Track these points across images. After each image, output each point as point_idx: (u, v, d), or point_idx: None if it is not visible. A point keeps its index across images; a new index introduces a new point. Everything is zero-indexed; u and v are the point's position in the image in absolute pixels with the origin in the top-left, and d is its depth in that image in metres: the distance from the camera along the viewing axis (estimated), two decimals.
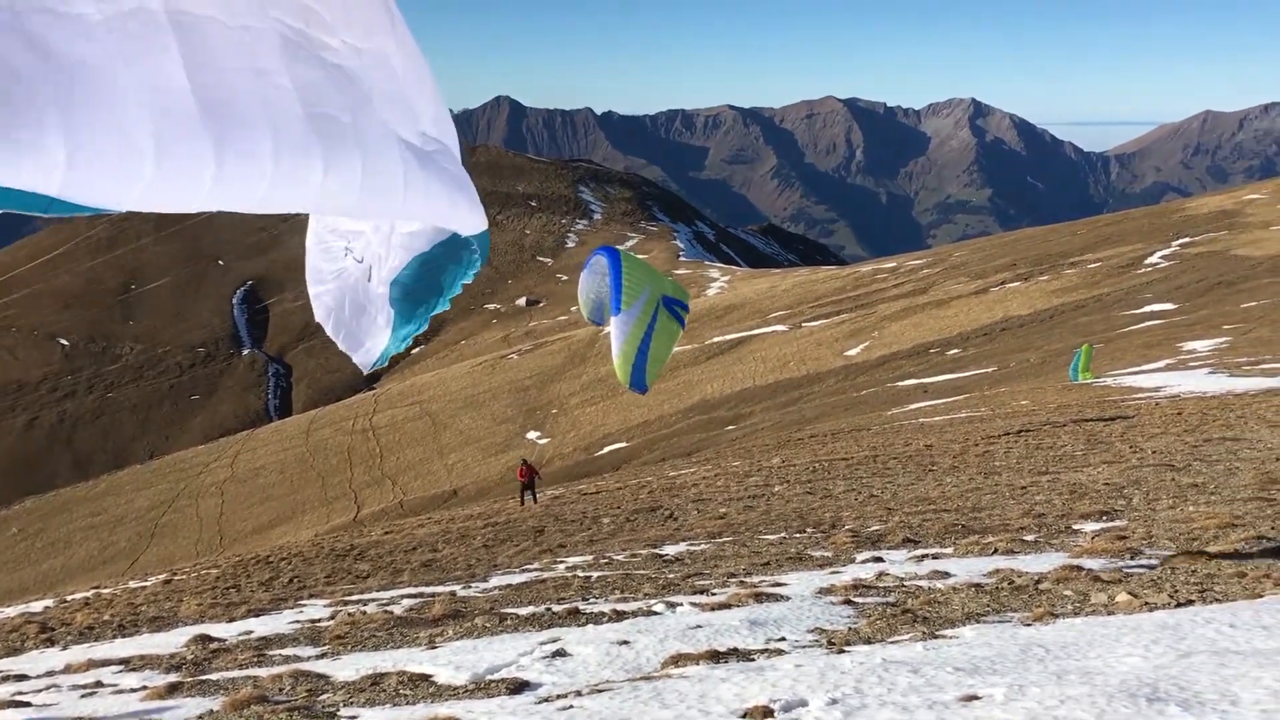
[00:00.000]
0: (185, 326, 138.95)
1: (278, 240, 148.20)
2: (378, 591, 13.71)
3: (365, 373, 6.07)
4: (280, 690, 7.66)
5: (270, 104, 3.12)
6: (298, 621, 11.56)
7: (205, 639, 10.69)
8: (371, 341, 5.61)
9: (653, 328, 13.27)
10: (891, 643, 7.07)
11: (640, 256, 14.02)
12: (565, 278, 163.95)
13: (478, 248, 4.92)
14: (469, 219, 4.44)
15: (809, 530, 14.30)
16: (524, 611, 10.07)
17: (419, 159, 3.86)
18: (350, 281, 5.47)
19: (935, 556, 10.86)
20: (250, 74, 3.09)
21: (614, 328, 13.43)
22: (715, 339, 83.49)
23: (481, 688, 7.08)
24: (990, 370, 50.76)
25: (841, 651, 6.87)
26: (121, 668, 9.67)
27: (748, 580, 10.56)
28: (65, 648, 12.09)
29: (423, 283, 5.24)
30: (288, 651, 9.53)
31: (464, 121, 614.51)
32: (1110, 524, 11.67)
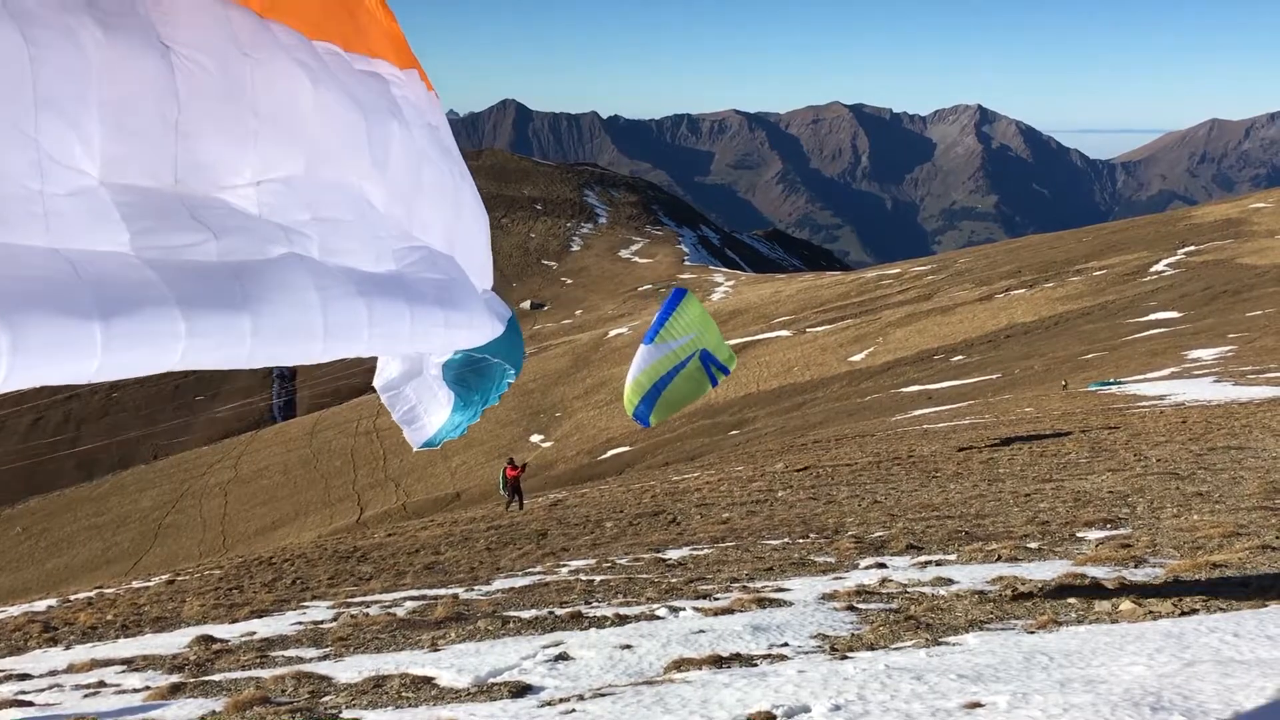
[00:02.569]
0: None
1: None
2: (380, 594, 13.72)
3: (415, 450, 6.18)
4: (283, 691, 7.66)
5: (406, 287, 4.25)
6: (300, 623, 11.56)
7: (208, 640, 10.70)
8: (429, 418, 5.72)
9: (679, 371, 13.11)
10: (895, 649, 7.06)
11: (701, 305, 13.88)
12: (570, 281, 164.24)
13: (511, 366, 5.52)
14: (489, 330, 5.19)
15: (812, 536, 14.28)
16: (526, 615, 10.06)
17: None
18: (414, 355, 5.59)
19: (939, 563, 10.84)
20: (390, 277, 4.16)
21: (639, 355, 13.33)
22: None
23: (484, 691, 7.08)
24: (995, 377, 50.72)
25: (844, 658, 6.85)
26: (124, 668, 9.68)
27: (750, 585, 10.54)
28: (68, 647, 12.11)
29: (470, 367, 5.34)
30: (290, 653, 9.53)
31: (470, 125, 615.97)
32: (1114, 532, 11.65)
